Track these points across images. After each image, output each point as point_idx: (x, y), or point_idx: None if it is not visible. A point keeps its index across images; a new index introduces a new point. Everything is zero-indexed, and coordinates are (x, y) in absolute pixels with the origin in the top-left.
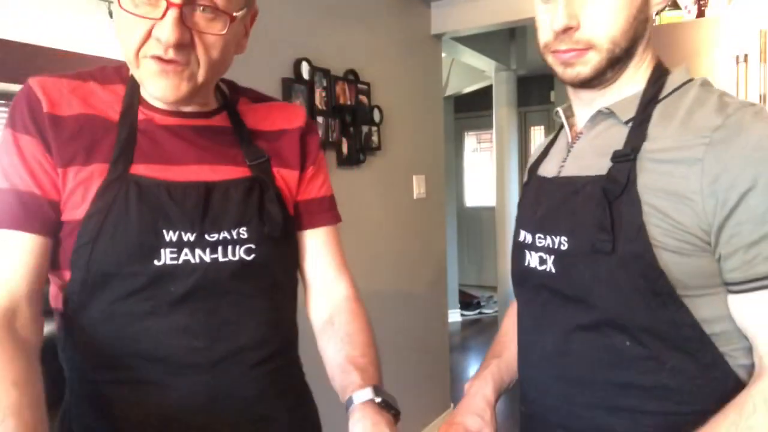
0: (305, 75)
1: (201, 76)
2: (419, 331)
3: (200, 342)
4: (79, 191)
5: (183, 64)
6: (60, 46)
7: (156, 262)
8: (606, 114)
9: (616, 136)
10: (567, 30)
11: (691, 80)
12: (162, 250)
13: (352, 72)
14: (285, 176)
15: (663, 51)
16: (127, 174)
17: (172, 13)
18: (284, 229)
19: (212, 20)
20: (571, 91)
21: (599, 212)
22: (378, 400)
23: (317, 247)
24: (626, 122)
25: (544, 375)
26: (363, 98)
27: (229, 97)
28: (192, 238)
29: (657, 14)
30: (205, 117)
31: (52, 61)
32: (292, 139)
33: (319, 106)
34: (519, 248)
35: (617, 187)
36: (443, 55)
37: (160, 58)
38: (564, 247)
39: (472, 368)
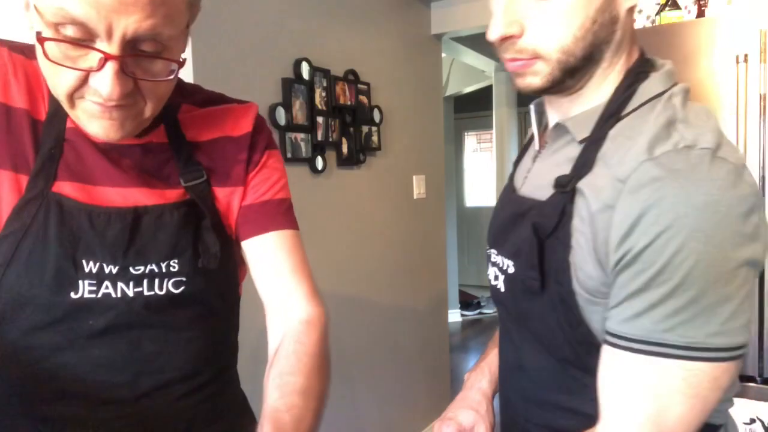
0: (305, 75)
1: (148, 112)
2: (419, 331)
3: (122, 377)
4: None
5: (129, 107)
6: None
7: (72, 295)
8: (564, 129)
9: (570, 156)
10: (506, 38)
11: (666, 91)
12: (80, 282)
13: (352, 72)
14: (227, 195)
15: (663, 51)
16: (48, 192)
17: (111, 66)
18: (222, 258)
19: (156, 62)
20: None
21: (531, 249)
22: None
23: (264, 257)
24: (580, 141)
25: (507, 386)
26: (363, 98)
27: (170, 104)
28: (114, 271)
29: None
30: (139, 136)
31: None
32: (238, 149)
33: (319, 106)
34: (487, 257)
35: (549, 223)
36: (443, 55)
37: (100, 104)
38: (511, 271)
39: None
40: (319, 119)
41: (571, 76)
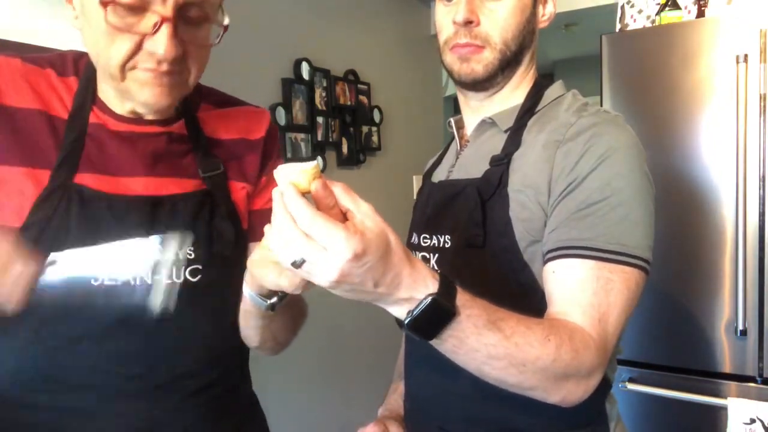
0: (305, 75)
1: (192, 81)
2: None
3: (136, 369)
4: (3, 192)
5: (176, 73)
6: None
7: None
8: (489, 123)
9: (497, 143)
10: (467, 23)
11: (564, 94)
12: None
13: (352, 72)
14: (242, 190)
15: (663, 51)
16: (69, 183)
17: (166, 28)
18: (236, 246)
19: (202, 28)
20: (462, 100)
21: (474, 210)
22: None
23: None
24: (505, 131)
25: (424, 370)
26: (363, 98)
27: (191, 102)
28: None
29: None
30: (163, 124)
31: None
32: (253, 150)
33: (319, 106)
34: (412, 248)
35: (490, 187)
36: None
37: (152, 69)
38: (447, 245)
39: None
40: (319, 119)
41: (502, 71)
